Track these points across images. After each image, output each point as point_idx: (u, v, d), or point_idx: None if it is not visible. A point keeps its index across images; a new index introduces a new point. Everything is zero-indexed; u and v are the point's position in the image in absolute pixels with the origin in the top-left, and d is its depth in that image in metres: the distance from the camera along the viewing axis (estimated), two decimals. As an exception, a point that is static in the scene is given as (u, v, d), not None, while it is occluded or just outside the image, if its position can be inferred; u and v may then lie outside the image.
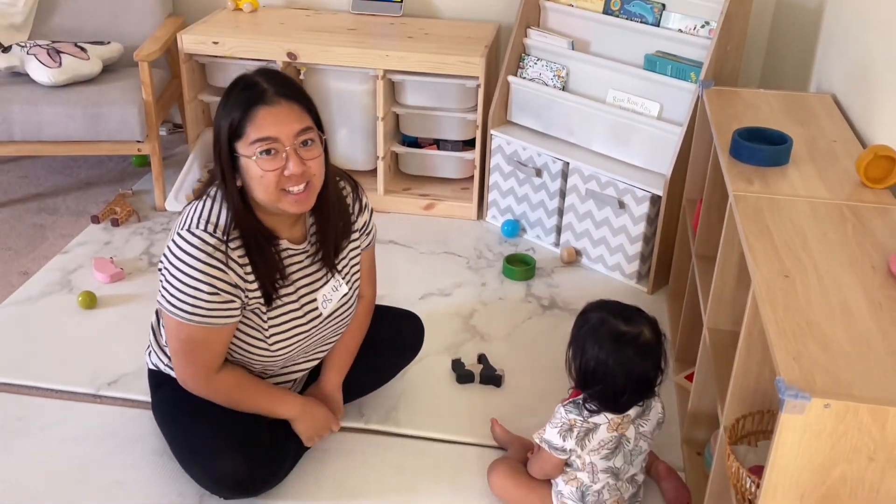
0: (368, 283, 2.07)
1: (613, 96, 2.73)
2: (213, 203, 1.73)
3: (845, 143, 2.01)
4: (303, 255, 1.85)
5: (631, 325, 1.70)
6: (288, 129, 1.65)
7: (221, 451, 1.78)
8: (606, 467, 1.75)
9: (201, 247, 1.67)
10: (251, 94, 1.64)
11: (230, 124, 1.64)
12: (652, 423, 1.78)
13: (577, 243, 2.86)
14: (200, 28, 3.09)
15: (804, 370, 1.24)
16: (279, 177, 1.66)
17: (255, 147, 1.64)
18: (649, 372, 1.71)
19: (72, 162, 3.47)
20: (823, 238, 1.59)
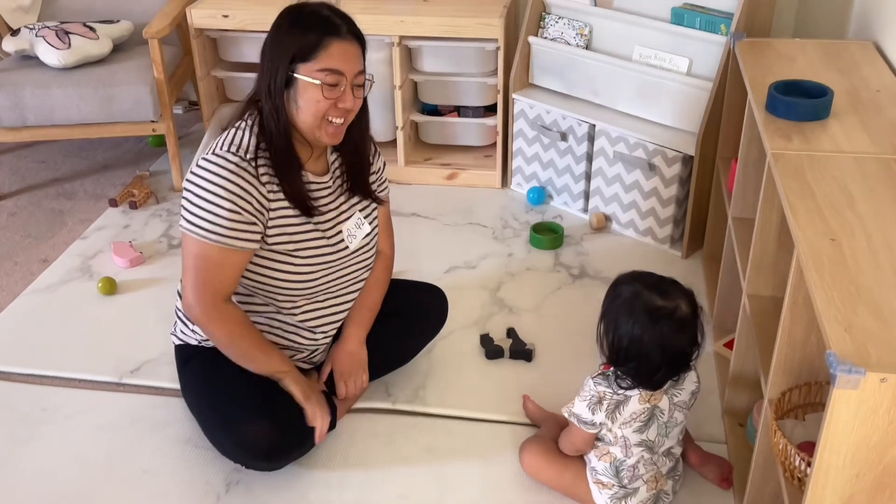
0: (386, 238, 2.09)
1: (640, 53, 2.61)
2: (238, 130, 1.77)
3: (891, 93, 1.89)
4: (326, 190, 1.88)
5: (667, 299, 1.61)
6: (353, 67, 1.74)
7: (250, 418, 1.78)
8: (640, 441, 1.68)
9: (224, 164, 1.72)
10: (327, 25, 1.71)
11: (301, 45, 1.69)
12: (687, 393, 1.70)
13: (606, 208, 2.76)
14: (209, 2, 3.00)
15: (857, 342, 1.15)
16: (331, 106, 1.73)
17: (323, 75, 1.70)
18: (686, 347, 1.62)
19: (88, 144, 3.42)
20: (871, 196, 1.48)
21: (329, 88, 1.71)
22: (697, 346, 1.65)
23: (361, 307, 2.01)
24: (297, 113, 1.73)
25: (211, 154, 1.73)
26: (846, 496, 1.21)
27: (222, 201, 1.70)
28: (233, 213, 1.70)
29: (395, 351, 2.09)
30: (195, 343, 1.93)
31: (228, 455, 1.84)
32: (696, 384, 1.72)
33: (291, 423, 1.82)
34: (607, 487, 1.73)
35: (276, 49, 1.71)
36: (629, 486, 1.71)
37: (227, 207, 1.70)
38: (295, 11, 1.74)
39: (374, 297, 2.03)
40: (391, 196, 2.10)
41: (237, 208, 1.71)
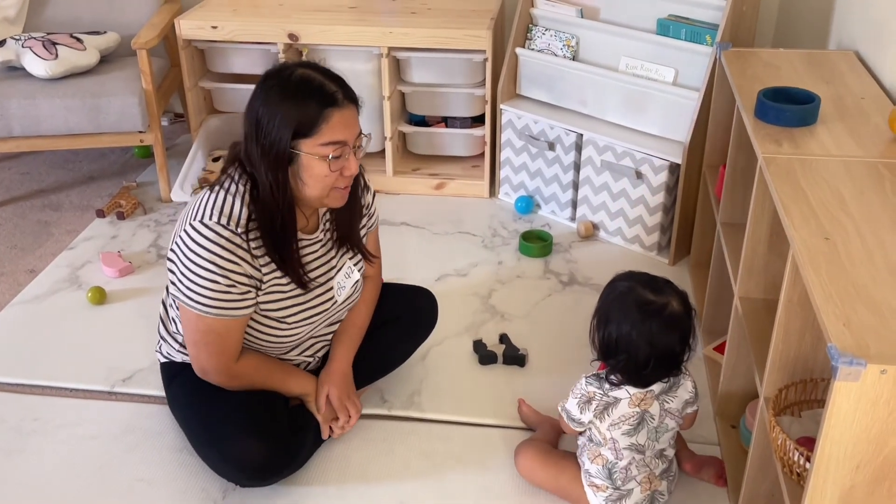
0: (374, 263, 2.06)
1: (626, 64, 2.65)
2: (227, 195, 1.70)
3: (874, 100, 1.94)
4: (317, 245, 1.85)
5: (658, 296, 1.64)
6: (354, 133, 1.70)
7: (240, 436, 1.76)
8: (629, 444, 1.69)
9: (216, 240, 1.66)
10: (323, 95, 1.64)
11: (300, 120, 1.62)
12: (679, 401, 1.71)
13: (594, 217, 2.79)
14: (198, 13, 3.02)
15: (856, 336, 1.18)
16: (338, 177, 1.70)
17: (328, 149, 1.65)
18: (675, 346, 1.64)
19: (73, 156, 3.40)
20: (861, 198, 1.52)
21: (335, 161, 1.66)
22: (688, 348, 1.67)
23: (351, 327, 1.99)
24: (303, 188, 1.69)
25: (200, 224, 1.67)
26: (846, 488, 1.23)
27: (218, 277, 1.67)
28: (230, 286, 1.68)
29: (388, 355, 2.09)
30: (180, 360, 1.92)
31: (220, 472, 1.82)
32: (692, 394, 1.72)
33: (281, 439, 1.80)
34: (601, 490, 1.74)
35: (272, 123, 1.62)
36: (623, 487, 1.73)
37: (223, 283, 1.68)
38: (283, 79, 1.65)
39: (364, 317, 2.02)
40: (380, 206, 2.10)
41: (233, 282, 1.69)
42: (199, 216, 1.68)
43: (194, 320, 1.73)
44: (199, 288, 1.68)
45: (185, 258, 1.68)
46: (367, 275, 2.04)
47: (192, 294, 1.69)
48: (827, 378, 1.51)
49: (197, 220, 1.67)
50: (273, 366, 1.88)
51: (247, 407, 1.79)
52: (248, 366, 1.83)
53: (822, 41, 2.53)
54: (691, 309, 1.67)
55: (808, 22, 2.70)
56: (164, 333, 1.94)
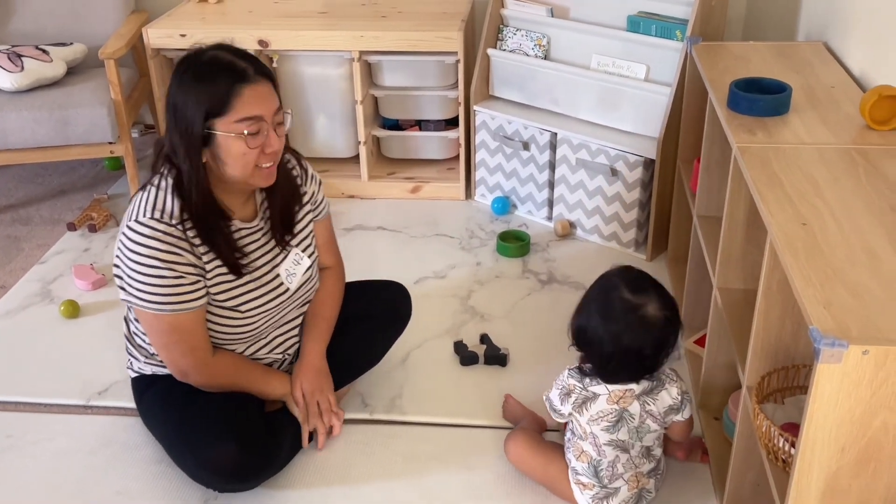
0: (330, 253, 2.04)
1: (598, 61, 2.66)
2: (158, 191, 1.70)
3: (844, 89, 1.95)
4: (258, 233, 1.84)
5: (636, 296, 1.63)
6: (270, 108, 1.67)
7: (214, 440, 1.73)
8: (610, 440, 1.69)
9: (153, 235, 1.65)
10: (233, 71, 1.63)
11: (212, 99, 1.61)
12: (662, 405, 1.68)
13: (571, 215, 2.79)
14: (166, 21, 2.99)
15: (836, 318, 1.18)
16: (259, 154, 1.68)
17: (242, 125, 1.64)
18: (644, 348, 1.61)
19: (42, 170, 3.35)
20: (836, 183, 1.53)
21: (253, 137, 1.64)
22: (661, 353, 1.64)
23: (318, 319, 1.97)
24: (224, 169, 1.67)
25: (135, 222, 1.66)
26: (832, 471, 1.23)
27: (163, 271, 1.66)
28: (177, 277, 1.68)
29: (364, 352, 2.07)
30: (150, 373, 1.89)
31: (198, 480, 1.80)
32: (675, 401, 1.69)
33: (258, 441, 1.78)
34: (588, 488, 1.73)
35: (186, 107, 1.62)
36: (610, 486, 1.72)
37: (170, 277, 1.67)
38: (194, 63, 1.64)
39: (330, 309, 2.00)
40: (355, 212, 2.08)
41: (179, 273, 1.68)
42: (134, 216, 1.68)
43: (153, 322, 1.71)
44: (148, 287, 1.67)
45: (127, 260, 1.67)
46: (327, 265, 2.02)
47: (143, 294, 1.68)
48: (809, 364, 1.51)
49: (132, 221, 1.67)
50: (253, 364, 1.88)
51: (220, 411, 1.77)
52: (227, 363, 1.83)
53: (791, 33, 2.56)
54: (674, 318, 1.64)
55: (777, 15, 2.73)
56: (131, 349, 1.92)
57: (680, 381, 1.71)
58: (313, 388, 1.90)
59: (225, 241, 1.75)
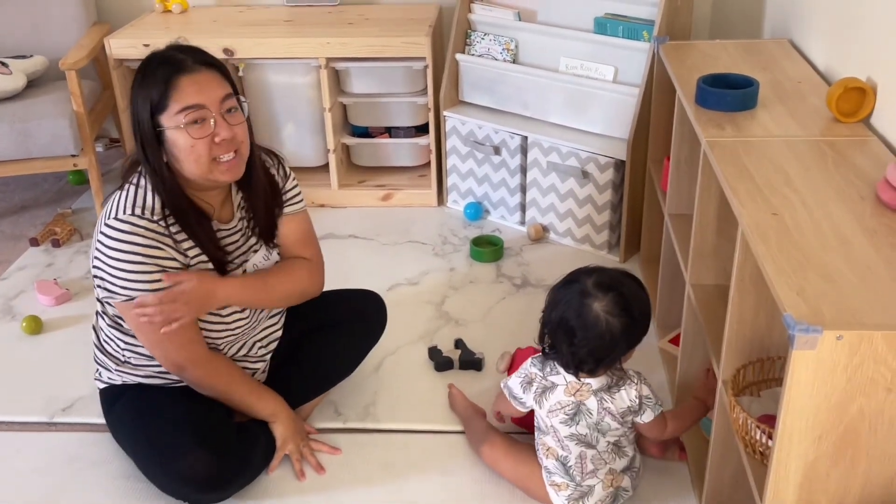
0: (308, 246, 1.94)
1: (566, 64, 2.65)
2: (137, 188, 1.67)
3: (811, 83, 1.96)
4: (237, 234, 1.81)
5: (595, 290, 1.60)
6: (213, 96, 1.62)
7: (184, 449, 1.69)
8: (570, 434, 1.67)
9: (134, 231, 1.62)
10: (169, 66, 1.61)
11: (151, 98, 1.59)
12: (620, 405, 1.66)
13: (543, 219, 2.77)
14: (129, 31, 2.94)
15: (810, 304, 1.17)
16: (210, 145, 1.63)
17: (182, 116, 1.60)
18: (578, 339, 1.58)
19: (3, 186, 3.28)
20: (806, 174, 1.52)
21: (195, 128, 1.60)
22: (598, 355, 1.60)
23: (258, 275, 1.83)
24: (181, 165, 1.64)
25: (114, 220, 1.62)
26: (810, 461, 1.21)
27: (147, 266, 1.63)
28: (161, 271, 1.64)
29: (338, 362, 2.03)
30: (120, 383, 1.85)
31: (169, 492, 1.75)
32: (633, 402, 1.66)
33: (230, 449, 1.75)
34: (562, 488, 1.71)
35: (134, 112, 1.62)
36: (583, 483, 1.69)
37: (154, 271, 1.64)
38: (143, 64, 1.64)
39: (283, 281, 1.85)
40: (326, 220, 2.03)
41: (163, 268, 1.65)
42: (113, 213, 1.64)
43: (139, 305, 1.65)
44: (132, 283, 1.63)
45: (109, 259, 1.63)
46: (303, 256, 1.92)
47: (129, 291, 1.64)
48: (783, 356, 1.50)
49: (111, 218, 1.63)
50: (249, 377, 1.86)
51: (191, 420, 1.73)
52: (225, 366, 1.80)
53: (757, 31, 2.57)
54: (631, 323, 1.60)
55: (742, 14, 2.74)
56: (100, 358, 1.87)
57: (641, 385, 1.67)
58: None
59: (210, 238, 1.72)
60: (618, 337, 1.60)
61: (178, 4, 3.16)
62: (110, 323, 1.78)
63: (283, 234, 1.89)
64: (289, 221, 1.90)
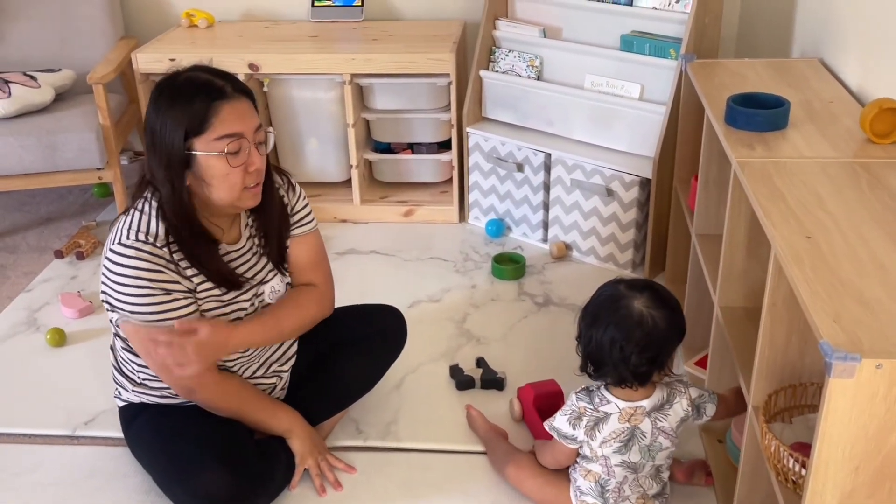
0: (317, 268, 1.92)
1: (591, 81, 2.64)
2: (142, 215, 1.66)
3: (843, 103, 1.93)
4: (248, 254, 1.80)
5: (629, 291, 1.59)
6: (250, 125, 1.64)
7: (204, 467, 1.68)
8: (621, 461, 1.65)
9: (138, 255, 1.61)
10: (210, 89, 1.60)
11: (189, 118, 1.58)
12: (674, 420, 1.65)
13: (566, 237, 2.75)
14: (155, 46, 2.96)
15: (847, 331, 1.14)
16: (243, 174, 1.64)
17: (222, 143, 1.60)
18: (628, 344, 1.55)
19: (29, 198, 3.30)
20: (839, 196, 1.49)
21: (234, 156, 1.61)
22: (653, 361, 1.58)
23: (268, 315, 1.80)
24: (210, 191, 1.64)
25: (118, 245, 1.62)
26: (846, 492, 1.18)
27: (153, 290, 1.62)
28: (166, 293, 1.64)
29: (358, 378, 2.01)
30: (138, 402, 1.85)
31: None
32: (688, 412, 1.66)
33: (248, 466, 1.73)
34: (592, 509, 1.68)
35: (164, 129, 1.59)
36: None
37: (160, 294, 1.63)
38: (170, 84, 1.62)
39: (290, 316, 1.83)
40: (348, 236, 2.02)
41: (168, 290, 1.64)
42: (118, 239, 1.64)
43: (149, 340, 1.65)
44: (139, 307, 1.63)
45: (114, 284, 1.63)
46: (311, 282, 1.91)
47: (135, 315, 1.64)
48: (816, 381, 1.47)
49: (115, 244, 1.63)
50: (261, 394, 1.86)
51: (210, 438, 1.73)
52: (235, 385, 1.79)
53: (785, 50, 2.55)
54: (673, 314, 1.60)
55: (770, 32, 2.72)
56: (118, 378, 1.87)
57: (690, 390, 1.67)
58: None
59: (214, 262, 1.71)
60: (664, 330, 1.58)
61: (205, 19, 3.18)
62: (124, 346, 1.78)
63: (293, 255, 1.88)
64: (300, 242, 1.88)
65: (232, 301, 1.76)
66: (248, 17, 3.29)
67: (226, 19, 3.27)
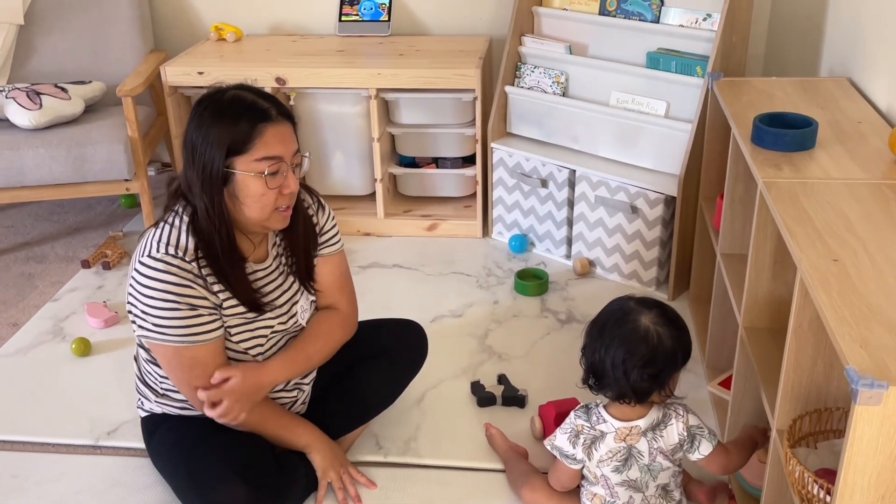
0: (342, 290, 1.93)
1: (617, 98, 2.63)
2: (172, 228, 1.67)
3: (872, 124, 1.91)
4: (274, 273, 1.80)
5: (639, 307, 1.61)
6: (290, 149, 1.67)
7: (222, 480, 1.68)
8: (621, 481, 1.64)
9: (167, 269, 1.62)
10: (256, 111, 1.62)
11: (233, 137, 1.60)
12: (669, 442, 1.62)
13: (590, 253, 2.74)
14: (184, 59, 3.00)
15: (874, 357, 1.12)
16: (277, 196, 1.66)
17: (263, 165, 1.62)
18: (630, 358, 1.55)
19: (58, 208, 3.35)
20: (868, 219, 1.47)
21: (272, 178, 1.63)
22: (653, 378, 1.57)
23: (296, 350, 1.82)
24: (242, 209, 1.65)
25: (148, 258, 1.63)
26: (872, 521, 1.16)
27: (179, 305, 1.63)
28: (192, 309, 1.65)
29: (379, 392, 2.01)
30: (160, 413, 1.86)
31: None
32: (683, 436, 1.63)
33: (267, 480, 1.73)
34: (604, 533, 1.67)
35: (206, 144, 1.60)
36: (625, 529, 1.65)
37: (185, 310, 1.64)
38: (215, 101, 1.63)
39: (317, 345, 1.85)
40: (371, 249, 2.03)
41: (194, 306, 1.65)
42: (147, 251, 1.65)
43: (173, 357, 1.67)
44: (164, 321, 1.64)
45: (141, 296, 1.64)
46: (335, 305, 1.92)
47: (160, 329, 1.64)
48: (842, 406, 1.45)
49: (145, 256, 1.64)
50: (281, 410, 1.86)
51: (230, 451, 1.73)
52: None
53: (813, 69, 2.52)
54: (679, 334, 1.59)
55: (798, 51, 2.70)
56: (141, 388, 1.89)
57: (687, 416, 1.64)
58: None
59: (242, 282, 1.72)
60: (669, 348, 1.57)
61: (233, 33, 3.21)
62: (147, 357, 1.80)
63: (319, 275, 1.89)
64: (326, 263, 1.89)
65: (257, 318, 1.76)
66: (276, 31, 3.32)
67: (254, 33, 3.31)
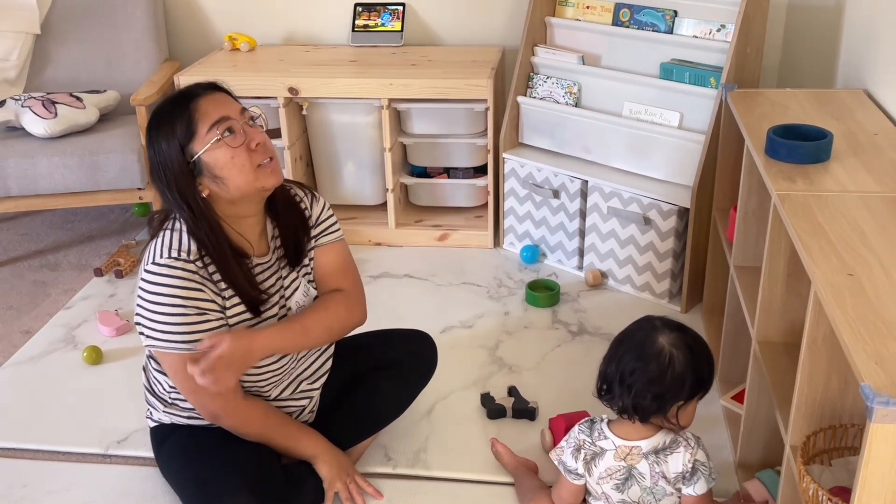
0: (345, 275, 1.90)
1: (630, 109, 2.62)
2: (172, 232, 1.68)
3: (888, 136, 1.89)
4: (276, 266, 1.80)
5: (662, 326, 1.60)
6: (233, 109, 1.67)
7: (230, 491, 1.67)
8: (621, 500, 1.62)
9: (172, 273, 1.63)
10: (182, 98, 1.66)
11: (177, 132, 1.62)
12: (672, 469, 1.59)
13: (602, 265, 2.73)
14: (198, 69, 3.01)
15: (890, 374, 1.10)
16: (248, 152, 1.65)
17: (214, 131, 1.62)
18: (638, 373, 1.54)
19: (72, 216, 3.37)
20: (883, 232, 1.46)
21: (232, 137, 1.63)
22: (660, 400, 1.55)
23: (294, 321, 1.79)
24: (227, 184, 1.64)
25: (153, 264, 1.64)
26: (888, 541, 1.14)
27: (186, 310, 1.63)
28: (200, 314, 1.65)
29: (388, 403, 2.00)
30: (169, 422, 1.86)
31: None
32: (685, 467, 1.59)
33: (275, 492, 1.73)
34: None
35: (161, 154, 1.63)
36: (630, 549, 1.63)
37: (193, 315, 1.64)
38: (152, 117, 1.68)
39: (315, 314, 1.81)
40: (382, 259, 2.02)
41: (202, 310, 1.65)
42: (151, 258, 1.65)
43: (179, 364, 1.66)
44: (171, 327, 1.63)
45: (148, 303, 1.64)
46: (340, 287, 1.89)
47: (167, 336, 1.64)
48: (857, 423, 1.43)
49: (150, 263, 1.65)
50: (287, 419, 1.85)
51: (239, 463, 1.72)
52: (259, 411, 1.79)
53: (828, 81, 2.50)
54: (696, 362, 1.57)
55: (813, 62, 2.68)
56: (150, 398, 1.89)
57: (697, 450, 1.60)
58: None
59: (245, 279, 1.71)
60: (680, 372, 1.54)
61: (247, 43, 3.22)
62: (156, 367, 1.80)
63: (319, 264, 1.88)
64: (327, 251, 1.88)
65: (260, 321, 1.76)
66: (289, 41, 3.33)
67: (267, 43, 3.32)
